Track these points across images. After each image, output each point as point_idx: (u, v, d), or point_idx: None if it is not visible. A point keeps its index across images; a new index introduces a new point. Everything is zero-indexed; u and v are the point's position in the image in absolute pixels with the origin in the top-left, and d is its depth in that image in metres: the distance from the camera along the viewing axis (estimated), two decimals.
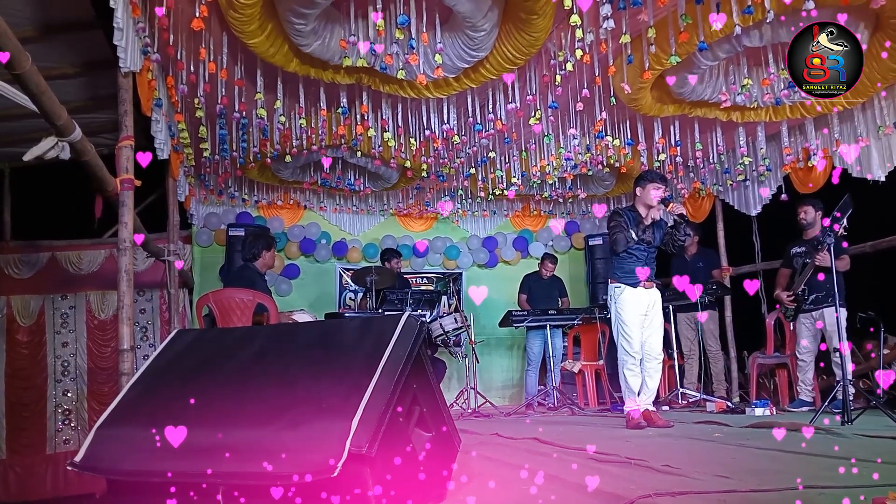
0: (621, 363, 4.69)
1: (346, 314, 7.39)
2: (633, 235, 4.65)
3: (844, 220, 4.58)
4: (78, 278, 7.82)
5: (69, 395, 7.69)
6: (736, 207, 8.06)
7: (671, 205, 4.61)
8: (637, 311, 4.65)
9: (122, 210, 4.20)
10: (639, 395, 4.67)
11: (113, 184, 4.20)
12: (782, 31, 5.00)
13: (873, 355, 6.79)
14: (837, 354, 5.38)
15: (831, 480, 2.19)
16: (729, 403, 5.98)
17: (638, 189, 4.82)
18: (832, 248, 4.59)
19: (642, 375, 4.67)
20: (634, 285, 4.67)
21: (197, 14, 4.22)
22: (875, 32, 5.12)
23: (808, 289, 5.70)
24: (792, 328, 6.13)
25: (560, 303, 8.07)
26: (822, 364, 5.90)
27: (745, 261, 8.26)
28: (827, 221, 4.68)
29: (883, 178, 6.18)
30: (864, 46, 4.94)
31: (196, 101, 5.43)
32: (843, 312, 5.38)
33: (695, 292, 6.05)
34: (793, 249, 5.99)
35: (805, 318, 5.79)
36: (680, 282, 5.69)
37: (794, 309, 5.87)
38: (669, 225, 4.86)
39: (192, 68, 5.04)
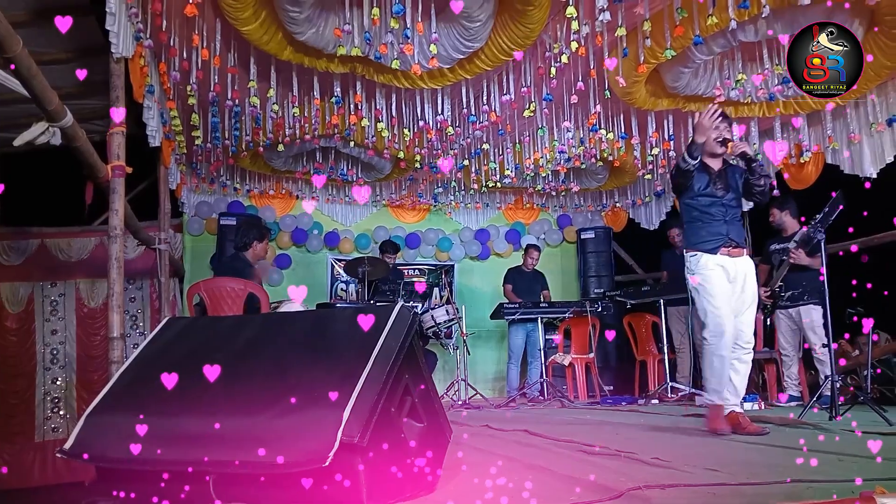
0: (710, 348, 3.64)
1: (338, 305, 7.37)
2: (689, 160, 3.71)
3: (831, 217, 4.56)
4: (67, 266, 7.76)
5: (58, 383, 7.64)
6: None
7: (731, 143, 3.79)
8: (723, 280, 3.71)
9: (113, 197, 4.17)
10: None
11: (104, 170, 4.16)
12: (777, 27, 5.01)
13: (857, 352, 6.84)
14: (820, 351, 5.44)
15: (819, 474, 2.20)
16: None
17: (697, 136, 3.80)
18: (822, 244, 4.60)
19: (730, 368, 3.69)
20: (714, 251, 3.74)
21: (190, 0, 4.18)
22: (870, 30, 5.13)
23: (784, 285, 5.74)
24: (768, 323, 6.16)
25: (542, 296, 8.07)
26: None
27: None
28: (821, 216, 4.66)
29: (874, 175, 6.20)
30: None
31: (188, 88, 5.39)
32: (819, 310, 5.41)
33: None
34: (772, 246, 6.03)
35: (783, 314, 5.84)
36: None
37: (770, 305, 5.90)
38: (745, 169, 3.89)
39: (184, 55, 4.99)
